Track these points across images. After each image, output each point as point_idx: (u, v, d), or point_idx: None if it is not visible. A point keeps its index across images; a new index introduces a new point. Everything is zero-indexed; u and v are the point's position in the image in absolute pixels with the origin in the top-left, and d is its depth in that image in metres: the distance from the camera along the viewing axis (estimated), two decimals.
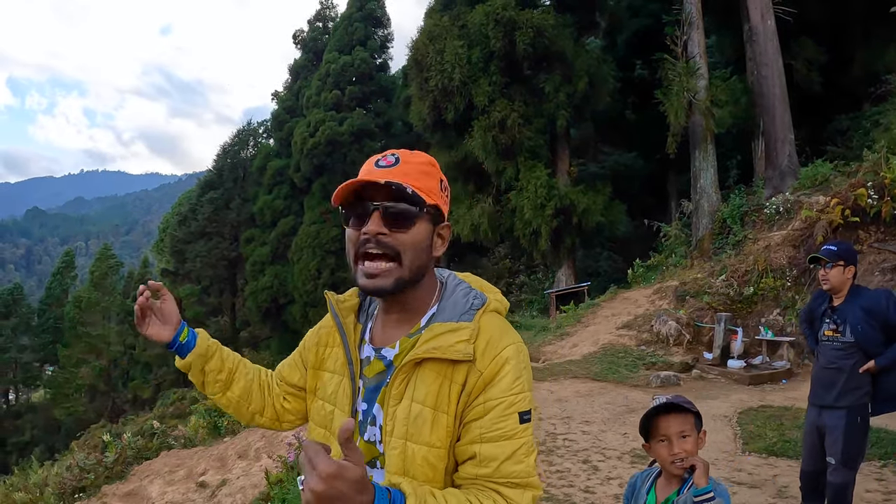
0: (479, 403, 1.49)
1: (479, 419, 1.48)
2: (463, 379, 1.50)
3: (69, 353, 48.66)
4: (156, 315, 1.86)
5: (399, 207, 1.52)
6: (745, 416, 9.01)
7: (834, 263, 4.73)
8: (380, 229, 1.51)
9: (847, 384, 4.70)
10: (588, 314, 16.79)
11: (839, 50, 21.39)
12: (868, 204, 12.72)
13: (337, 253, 34.97)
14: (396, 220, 1.52)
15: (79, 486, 10.97)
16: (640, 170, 27.23)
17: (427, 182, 1.57)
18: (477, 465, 1.47)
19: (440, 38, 23.06)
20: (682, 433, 2.58)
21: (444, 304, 1.61)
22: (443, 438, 1.50)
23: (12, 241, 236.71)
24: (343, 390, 1.67)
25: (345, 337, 1.70)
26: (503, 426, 1.47)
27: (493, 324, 1.58)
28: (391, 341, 1.62)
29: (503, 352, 1.52)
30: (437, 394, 1.50)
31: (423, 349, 1.50)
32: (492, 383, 1.49)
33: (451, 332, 1.52)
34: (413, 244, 1.54)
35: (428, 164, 1.61)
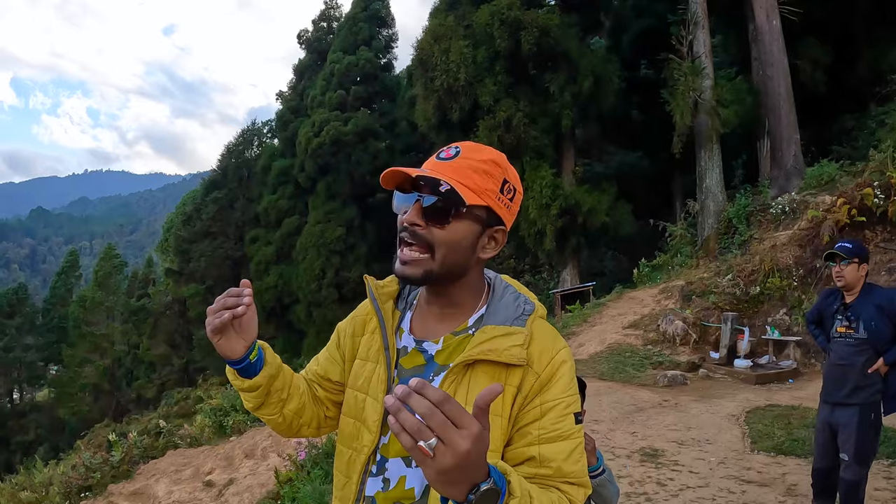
0: (536, 406, 1.48)
1: (536, 421, 1.47)
2: (518, 381, 1.49)
3: (73, 353, 48.69)
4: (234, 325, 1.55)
5: (434, 202, 1.48)
6: (753, 416, 9.02)
7: (849, 260, 4.74)
8: (416, 220, 1.49)
9: (859, 381, 4.71)
10: (594, 314, 16.78)
11: (844, 49, 21.36)
12: (874, 204, 12.72)
13: (342, 253, 34.97)
14: (434, 214, 1.48)
15: (85, 485, 10.97)
16: (646, 170, 27.16)
17: (479, 181, 1.49)
18: (537, 466, 1.44)
19: (445, 37, 23.05)
20: None
21: (495, 306, 1.59)
22: (497, 441, 1.46)
23: (17, 240, 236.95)
24: (378, 377, 1.61)
25: (383, 322, 1.66)
26: (561, 427, 1.46)
27: (544, 329, 1.58)
28: (434, 336, 1.59)
29: (558, 355, 1.52)
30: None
31: (477, 350, 1.48)
32: (548, 385, 1.49)
33: (504, 336, 1.50)
34: (447, 241, 1.50)
35: (489, 163, 1.52)
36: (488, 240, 1.56)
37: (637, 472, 6.90)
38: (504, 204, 1.54)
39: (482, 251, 1.56)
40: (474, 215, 1.51)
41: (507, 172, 1.55)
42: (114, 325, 50.42)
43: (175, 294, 46.35)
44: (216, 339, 1.53)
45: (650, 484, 6.54)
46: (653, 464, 7.17)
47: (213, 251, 43.41)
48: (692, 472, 6.84)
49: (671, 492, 6.31)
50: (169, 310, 48.19)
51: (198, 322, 45.33)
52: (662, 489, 6.39)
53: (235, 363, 1.59)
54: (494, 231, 1.56)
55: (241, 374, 1.62)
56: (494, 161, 1.53)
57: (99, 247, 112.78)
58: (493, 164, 1.53)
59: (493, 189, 1.51)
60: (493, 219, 1.54)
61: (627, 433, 8.43)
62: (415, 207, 1.50)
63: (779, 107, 18.59)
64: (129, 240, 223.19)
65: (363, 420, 1.61)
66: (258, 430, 12.48)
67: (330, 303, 34.42)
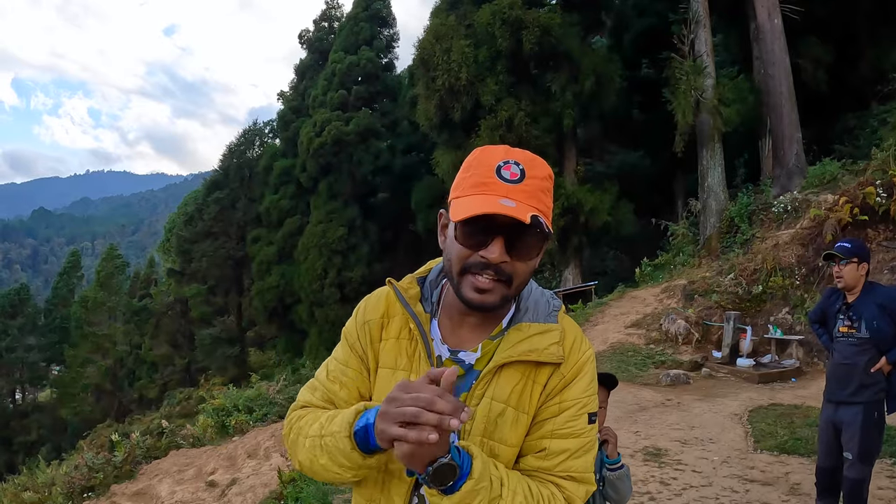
0: (556, 403, 1.49)
1: (553, 417, 1.48)
2: (545, 380, 1.49)
3: (75, 353, 48.75)
4: None
5: (528, 241, 1.41)
6: (756, 415, 9.01)
7: (848, 260, 4.73)
8: (503, 258, 1.39)
9: (862, 380, 4.71)
10: (596, 313, 16.78)
11: (846, 48, 21.34)
12: (877, 202, 12.70)
13: (343, 253, 34.96)
14: (521, 251, 1.41)
15: (87, 485, 10.96)
16: (647, 169, 27.17)
17: (548, 202, 1.46)
18: (542, 459, 1.46)
19: (447, 37, 23.03)
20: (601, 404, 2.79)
21: (526, 303, 1.56)
22: (519, 438, 1.48)
23: (18, 241, 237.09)
24: None
25: (422, 328, 1.54)
26: (574, 425, 1.48)
27: (572, 327, 1.56)
28: (469, 344, 1.53)
29: (583, 356, 1.52)
30: (521, 394, 1.48)
31: (517, 351, 1.46)
32: (570, 385, 1.50)
33: (541, 335, 1.49)
34: (528, 271, 1.46)
35: (549, 179, 1.48)
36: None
37: (640, 471, 6.90)
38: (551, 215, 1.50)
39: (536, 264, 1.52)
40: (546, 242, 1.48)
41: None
42: (116, 325, 50.46)
43: (177, 294, 46.42)
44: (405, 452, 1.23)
45: (653, 483, 6.54)
46: (656, 463, 7.17)
47: (215, 251, 43.45)
48: (695, 472, 6.84)
49: (674, 491, 6.31)
50: (171, 310, 48.27)
51: (200, 322, 45.41)
52: (666, 488, 6.39)
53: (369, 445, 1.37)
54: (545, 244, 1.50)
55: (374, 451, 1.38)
56: (551, 176, 1.50)
57: (101, 247, 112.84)
58: (551, 179, 1.49)
59: (551, 206, 1.49)
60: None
61: (630, 432, 8.43)
62: (498, 245, 1.38)
63: (780, 106, 18.57)
64: (130, 240, 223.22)
65: None
66: (260, 429, 12.49)
67: (332, 303, 34.42)
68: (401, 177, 36.26)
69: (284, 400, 14.50)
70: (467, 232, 1.41)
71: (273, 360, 41.98)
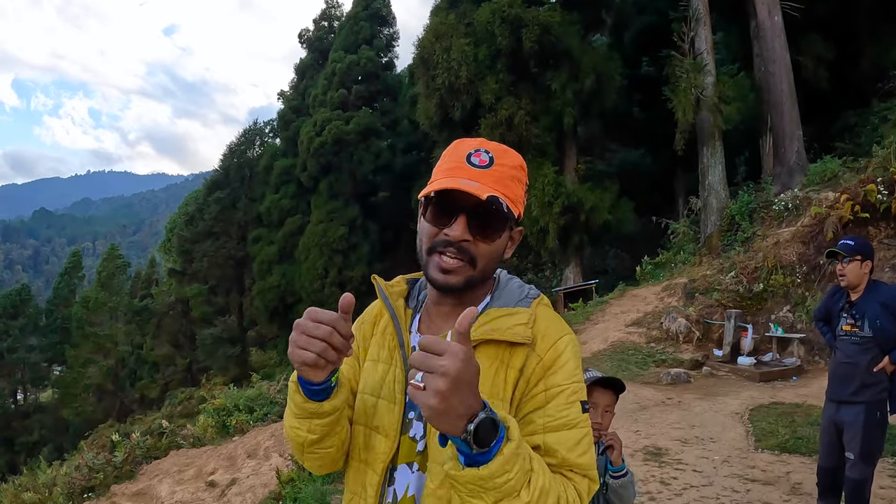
0: (540, 391, 1.41)
1: (540, 408, 1.40)
2: (521, 364, 1.43)
3: (77, 353, 48.72)
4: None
5: (489, 221, 1.45)
6: (757, 413, 8.99)
7: (851, 258, 4.69)
8: (464, 236, 1.44)
9: (865, 379, 4.68)
10: (597, 312, 16.76)
11: (846, 46, 21.31)
12: (878, 200, 12.68)
13: (344, 252, 34.95)
14: (483, 230, 1.45)
15: (88, 485, 10.96)
16: (648, 167, 27.16)
17: (517, 190, 1.49)
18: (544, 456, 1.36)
19: (446, 36, 23.02)
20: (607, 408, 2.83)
21: (499, 293, 1.55)
22: None
23: (20, 241, 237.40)
24: (393, 378, 1.53)
25: (396, 320, 1.58)
26: (567, 414, 1.39)
27: (548, 314, 1.52)
28: (441, 332, 1.52)
29: (561, 339, 1.46)
30: (493, 380, 1.42)
31: (479, 332, 1.42)
32: (552, 369, 1.42)
33: (508, 316, 1.46)
34: (491, 253, 1.48)
35: (519, 169, 1.51)
36: (510, 241, 1.55)
37: (640, 470, 6.87)
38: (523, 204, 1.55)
39: (506, 253, 1.55)
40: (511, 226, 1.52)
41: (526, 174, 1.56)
42: (117, 325, 50.44)
43: (178, 294, 46.43)
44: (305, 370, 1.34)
45: (654, 483, 6.52)
46: (656, 462, 7.15)
47: (216, 251, 43.45)
48: (696, 471, 6.82)
49: (675, 490, 6.28)
50: (172, 310, 48.27)
51: (201, 322, 45.43)
52: (666, 488, 6.36)
53: (314, 384, 1.40)
54: (514, 232, 1.56)
55: (313, 396, 1.43)
56: (522, 166, 1.53)
57: (102, 247, 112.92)
58: (521, 169, 1.52)
59: (522, 194, 1.52)
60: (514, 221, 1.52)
61: (631, 431, 8.41)
62: (461, 223, 1.43)
63: (781, 103, 18.55)
64: (131, 240, 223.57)
65: (375, 427, 1.52)
66: (260, 429, 12.48)
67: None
68: (401, 176, 36.25)
69: (285, 399, 14.46)
70: (433, 210, 1.47)
71: (274, 360, 41.93)
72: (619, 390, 2.88)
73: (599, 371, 2.95)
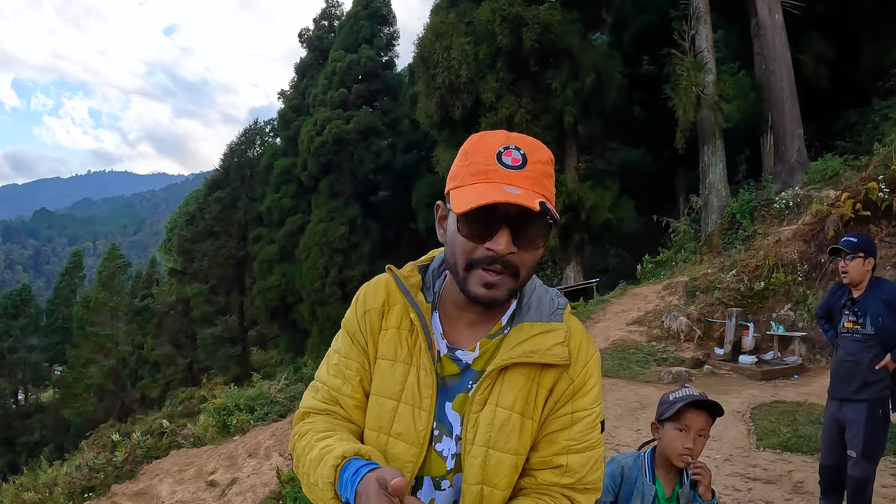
0: (566, 413, 1.42)
1: (566, 429, 1.42)
2: (551, 384, 1.42)
3: (78, 353, 48.74)
4: None
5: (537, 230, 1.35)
6: (759, 412, 8.96)
7: (854, 255, 4.68)
8: (510, 249, 1.33)
9: (867, 377, 4.66)
10: (597, 311, 16.73)
11: (847, 44, 21.30)
12: (879, 198, 12.65)
13: (345, 251, 34.96)
14: (530, 240, 1.35)
15: (88, 485, 10.95)
16: (649, 166, 27.15)
17: (552, 187, 1.39)
18: (561, 475, 1.41)
19: (447, 34, 23.00)
20: (701, 432, 2.58)
21: (528, 300, 1.48)
22: (526, 446, 1.41)
23: (20, 241, 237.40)
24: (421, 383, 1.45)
25: (423, 319, 1.47)
26: (591, 438, 1.44)
27: (578, 328, 1.50)
28: (467, 342, 1.47)
29: (591, 361, 1.46)
30: (526, 399, 1.40)
31: (518, 352, 1.38)
32: (580, 393, 1.43)
33: (545, 334, 1.41)
34: (535, 261, 1.40)
35: (551, 164, 1.41)
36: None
37: None
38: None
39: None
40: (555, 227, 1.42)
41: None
42: (118, 325, 50.47)
43: (179, 294, 46.45)
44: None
45: None
46: None
47: (217, 251, 43.47)
48: None
49: None
50: (173, 309, 48.29)
51: (201, 322, 45.43)
52: None
53: None
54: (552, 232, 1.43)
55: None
56: (552, 160, 1.42)
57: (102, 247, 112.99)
58: (552, 163, 1.42)
59: (554, 192, 1.41)
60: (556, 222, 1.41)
61: (632, 430, 8.39)
62: (504, 236, 1.32)
63: (782, 101, 18.53)
64: (132, 240, 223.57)
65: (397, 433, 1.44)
66: (261, 429, 12.47)
67: (333, 301, 34.41)
68: (402, 175, 36.25)
69: (286, 399, 14.49)
70: (471, 224, 1.34)
71: (275, 359, 41.99)
72: (716, 413, 2.63)
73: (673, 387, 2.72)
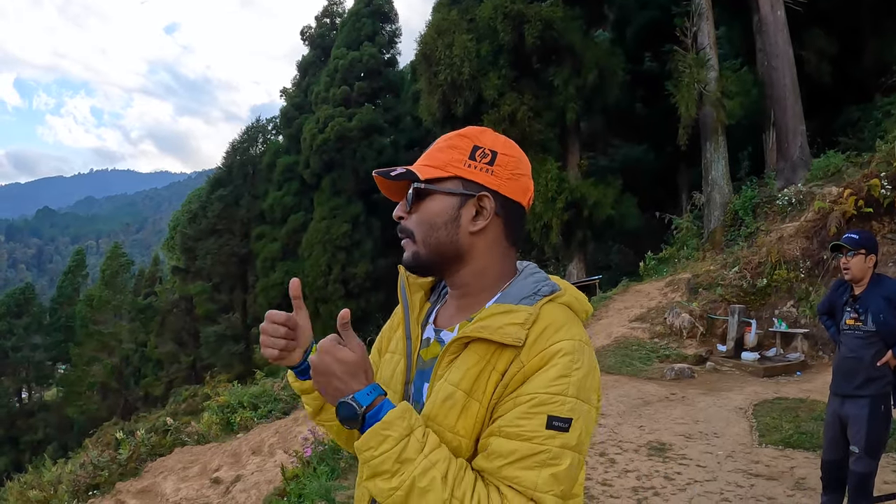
0: (512, 398, 1.33)
1: (507, 413, 1.32)
2: (504, 368, 1.35)
3: (81, 352, 48.79)
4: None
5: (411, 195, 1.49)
6: (761, 409, 8.98)
7: (856, 252, 4.69)
8: (400, 213, 1.52)
9: (869, 373, 4.67)
10: (600, 307, 16.74)
11: (850, 40, 21.26)
12: (882, 195, 12.66)
13: (347, 248, 34.97)
14: (410, 202, 1.49)
15: (93, 483, 11.00)
16: (651, 162, 27.13)
17: (442, 157, 1.48)
18: (485, 458, 1.31)
19: (449, 32, 23.01)
20: None
21: (510, 289, 1.47)
22: (469, 428, 1.35)
23: (23, 240, 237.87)
24: (399, 369, 1.55)
25: (407, 311, 1.60)
26: (523, 425, 1.29)
27: (555, 313, 1.40)
28: (451, 324, 1.51)
29: (555, 345, 1.33)
30: (476, 379, 1.36)
31: (471, 328, 1.37)
32: (530, 378, 1.32)
33: (504, 314, 1.37)
34: (419, 221, 1.48)
35: (454, 137, 1.51)
36: (476, 212, 1.46)
37: (644, 466, 6.88)
38: (479, 168, 1.45)
39: (471, 225, 1.45)
40: (442, 190, 1.46)
41: (480, 139, 1.49)
42: (121, 323, 50.51)
43: (182, 292, 46.46)
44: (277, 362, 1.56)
45: (657, 478, 6.52)
46: (660, 458, 7.14)
47: (219, 248, 43.47)
48: (700, 466, 6.82)
49: (679, 486, 6.29)
50: (176, 307, 48.30)
51: (204, 320, 45.46)
52: (670, 483, 6.36)
53: (294, 367, 1.59)
54: (479, 199, 1.45)
55: (299, 376, 1.62)
56: (460, 134, 1.51)
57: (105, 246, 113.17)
58: (459, 136, 1.51)
59: (460, 158, 1.47)
60: (472, 188, 1.46)
61: (635, 427, 8.41)
62: (401, 203, 1.53)
63: (784, 98, 18.53)
64: (135, 238, 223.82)
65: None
66: (265, 426, 12.50)
67: (336, 299, 34.42)
68: None
69: (289, 396, 14.49)
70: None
71: None
72: None
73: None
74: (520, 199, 1.50)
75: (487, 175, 1.46)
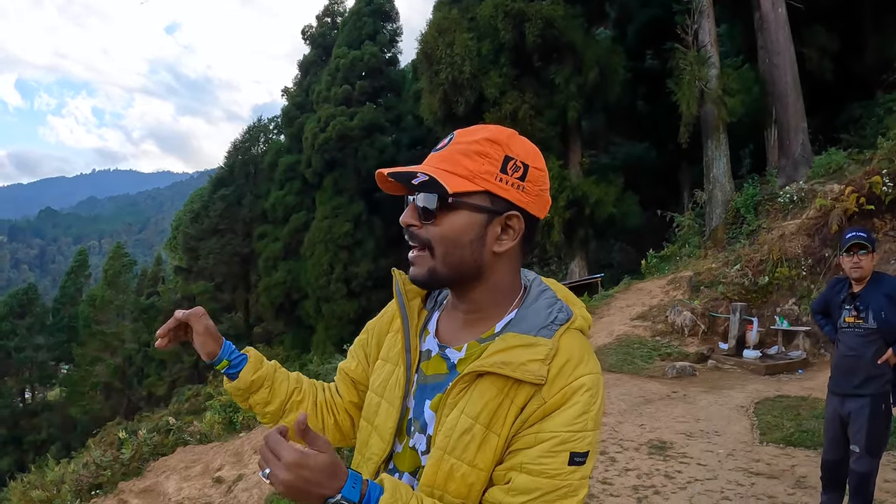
0: (532, 433, 1.31)
1: (526, 449, 1.30)
2: (523, 402, 1.32)
3: (84, 352, 48.82)
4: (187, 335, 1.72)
5: (421, 198, 1.36)
6: (762, 407, 8.97)
7: (869, 250, 4.68)
8: (411, 221, 1.38)
9: (869, 371, 4.67)
10: (602, 305, 16.73)
11: (851, 37, 21.24)
12: (883, 192, 12.64)
13: (349, 248, 35.00)
14: (424, 211, 1.36)
15: (95, 482, 11.00)
16: (652, 160, 27.11)
17: (471, 165, 1.35)
18: (505, 493, 1.30)
19: (449, 30, 23.01)
20: None
21: (524, 311, 1.41)
22: (488, 462, 1.33)
23: (26, 241, 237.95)
24: (396, 380, 1.50)
25: (406, 321, 1.53)
26: (548, 463, 1.28)
27: (573, 345, 1.37)
28: (459, 342, 1.45)
29: (575, 381, 1.31)
30: (495, 412, 1.33)
31: (490, 361, 1.32)
32: (551, 415, 1.30)
33: (524, 347, 1.33)
34: (442, 237, 1.36)
35: (483, 142, 1.36)
36: (501, 230, 1.38)
37: (645, 464, 6.88)
38: (511, 184, 1.35)
39: (496, 244, 1.39)
40: (471, 204, 1.35)
41: (511, 148, 1.37)
42: (124, 323, 50.55)
43: (184, 292, 46.46)
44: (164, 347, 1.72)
45: (658, 476, 6.52)
46: (661, 456, 7.14)
47: (222, 248, 43.52)
48: (700, 465, 6.81)
49: (679, 484, 6.29)
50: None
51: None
52: (671, 482, 6.37)
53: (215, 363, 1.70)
54: (507, 218, 1.37)
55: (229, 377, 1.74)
56: (490, 139, 1.37)
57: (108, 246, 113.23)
58: (489, 142, 1.36)
59: (491, 170, 1.34)
60: (501, 204, 1.36)
61: (636, 425, 8.41)
62: (409, 207, 1.39)
63: (785, 95, 18.52)
64: (137, 238, 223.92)
65: (376, 426, 1.51)
66: (267, 426, 12.49)
67: (338, 298, 34.46)
68: None
69: None
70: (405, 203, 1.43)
71: (281, 356, 41.90)
72: None
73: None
74: (542, 214, 1.44)
75: (519, 192, 1.37)
